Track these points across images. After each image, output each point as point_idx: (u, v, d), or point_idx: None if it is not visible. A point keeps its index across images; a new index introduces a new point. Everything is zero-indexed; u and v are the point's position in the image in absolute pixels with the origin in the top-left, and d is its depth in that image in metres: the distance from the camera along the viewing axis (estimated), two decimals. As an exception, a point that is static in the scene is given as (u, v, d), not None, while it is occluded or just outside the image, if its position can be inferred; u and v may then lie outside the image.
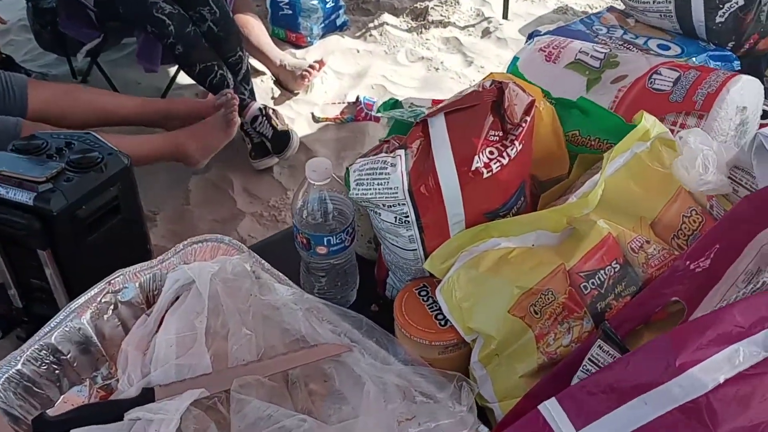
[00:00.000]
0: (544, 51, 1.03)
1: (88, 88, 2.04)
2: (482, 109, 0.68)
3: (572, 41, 1.03)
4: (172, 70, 2.52)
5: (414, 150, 0.68)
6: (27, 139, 1.61)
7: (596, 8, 3.01)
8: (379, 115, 0.86)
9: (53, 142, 1.61)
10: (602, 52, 0.99)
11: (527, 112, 0.70)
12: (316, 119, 2.45)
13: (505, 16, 2.97)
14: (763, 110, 1.01)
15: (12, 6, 3.05)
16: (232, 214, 2.08)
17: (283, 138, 2.21)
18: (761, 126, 0.98)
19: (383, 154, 0.69)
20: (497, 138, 0.68)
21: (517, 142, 0.69)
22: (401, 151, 0.68)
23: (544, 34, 1.21)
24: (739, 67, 1.14)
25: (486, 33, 2.88)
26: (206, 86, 2.26)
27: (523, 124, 0.69)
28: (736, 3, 1.09)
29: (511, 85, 0.69)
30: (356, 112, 2.41)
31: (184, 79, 2.44)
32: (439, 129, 0.67)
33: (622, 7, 1.26)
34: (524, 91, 0.71)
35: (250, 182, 2.21)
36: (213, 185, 2.21)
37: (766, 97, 1.03)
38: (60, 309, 0.75)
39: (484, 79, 0.86)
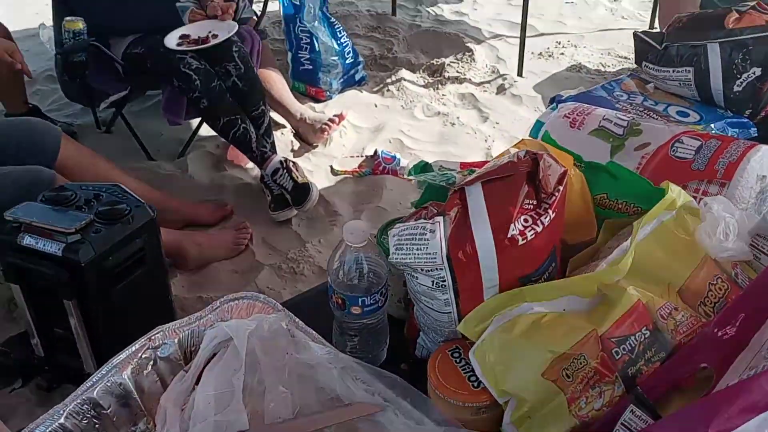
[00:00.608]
0: (569, 117, 1.06)
1: (107, 160, 2.09)
2: (518, 179, 0.71)
3: (596, 108, 1.07)
4: (195, 122, 2.59)
5: (452, 217, 0.71)
6: (57, 190, 1.65)
7: (609, 66, 3.08)
8: (410, 178, 0.89)
9: (82, 194, 1.65)
10: (625, 120, 1.03)
11: (560, 181, 0.73)
12: (334, 172, 2.49)
13: (519, 73, 3.04)
14: (783, 178, 1.04)
15: (39, 57, 3.15)
16: (251, 265, 2.11)
17: (302, 190, 2.24)
18: (781, 193, 1.01)
19: (422, 221, 0.72)
20: (532, 206, 0.71)
21: (550, 211, 0.72)
22: (440, 218, 0.71)
23: (566, 99, 1.25)
24: (756, 134, 1.17)
25: (501, 90, 2.94)
26: (229, 139, 2.31)
27: (556, 194, 0.72)
28: (753, 73, 1.13)
29: (545, 156, 0.72)
30: (374, 166, 2.45)
31: (205, 130, 2.50)
32: (476, 197, 0.70)
33: (634, 68, 1.30)
34: (557, 161, 0.74)
35: (269, 234, 2.24)
36: (232, 236, 2.23)
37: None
38: (82, 359, 0.77)
39: (516, 144, 0.90)
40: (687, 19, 1.19)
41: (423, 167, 0.93)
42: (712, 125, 1.15)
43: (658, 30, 1.26)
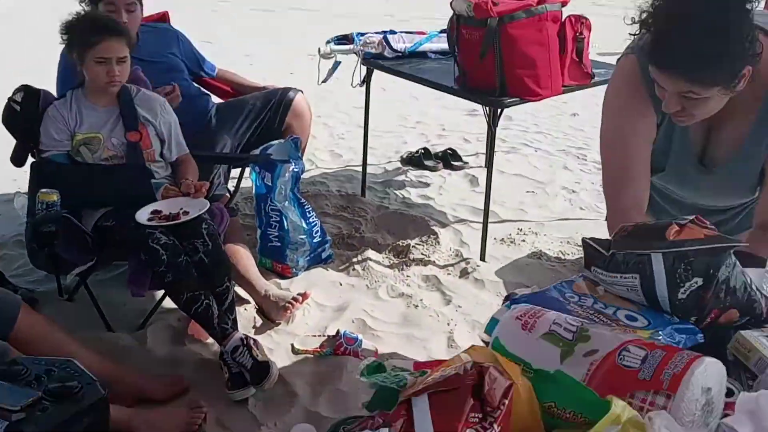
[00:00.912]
0: (521, 320, 1.10)
1: (65, 332, 2.09)
2: (463, 392, 0.72)
3: (547, 312, 1.11)
4: (159, 293, 2.59)
5: (397, 428, 0.71)
6: (8, 364, 1.62)
7: (568, 255, 3.19)
8: (363, 379, 0.90)
9: (34, 369, 1.62)
10: (574, 325, 1.06)
11: (506, 395, 0.74)
12: (295, 351, 2.47)
13: (482, 257, 3.13)
14: (728, 388, 1.07)
15: (11, 222, 3.19)
16: (203, 447, 2.03)
17: (262, 369, 2.21)
18: (726, 405, 1.03)
19: (368, 431, 0.72)
20: (477, 420, 0.72)
21: (495, 425, 0.73)
22: (385, 430, 0.71)
23: (520, 298, 1.29)
24: (703, 340, 1.21)
25: (464, 273, 3.01)
26: (191, 314, 2.31)
27: (502, 407, 0.74)
28: (696, 282, 1.19)
29: (491, 370, 0.74)
30: (336, 346, 2.44)
31: (168, 302, 2.49)
32: (422, 410, 0.71)
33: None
34: (503, 374, 0.76)
35: (224, 413, 2.18)
36: (185, 414, 2.17)
37: (729, 375, 1.09)
38: None
39: (466, 350, 0.92)
40: (632, 228, 1.26)
41: (376, 368, 0.94)
42: (660, 330, 1.19)
43: (605, 237, 1.32)
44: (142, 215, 2.33)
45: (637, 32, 1.59)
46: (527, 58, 2.80)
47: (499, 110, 2.95)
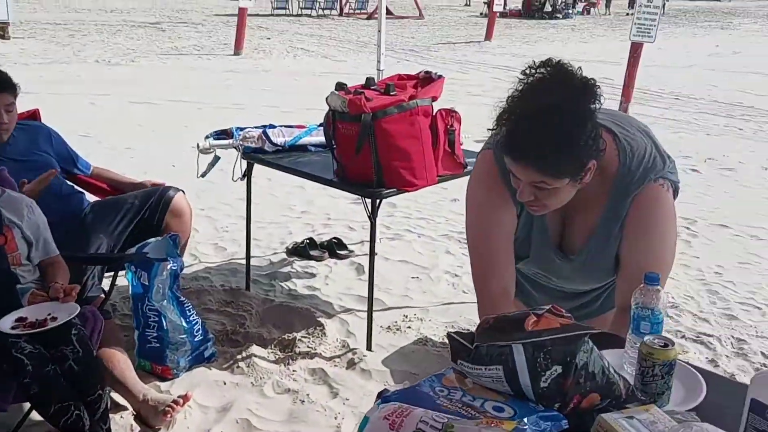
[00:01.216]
0: (389, 419, 1.10)
1: None
2: None
3: (415, 409, 1.12)
4: (27, 405, 2.42)
5: None
6: None
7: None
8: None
9: None
10: (440, 422, 1.08)
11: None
12: (175, 460, 2.35)
13: (368, 347, 3.13)
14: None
15: None
16: None
17: (137, 483, 2.09)
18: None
19: None
20: None
21: None
22: None
23: (392, 394, 1.29)
24: (567, 426, 1.25)
25: (351, 364, 2.99)
26: (59, 427, 2.16)
27: None
28: (556, 371, 1.24)
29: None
30: (218, 451, 2.35)
31: (36, 416, 2.33)
32: None
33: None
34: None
35: None
36: None
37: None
38: None
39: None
40: (493, 320, 1.31)
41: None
42: (525, 419, 1.22)
43: (467, 331, 1.36)
44: (5, 323, 2.20)
45: (494, 127, 1.70)
46: (401, 150, 2.90)
47: (377, 201, 3.01)
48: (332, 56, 14.51)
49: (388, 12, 26.50)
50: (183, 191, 3.19)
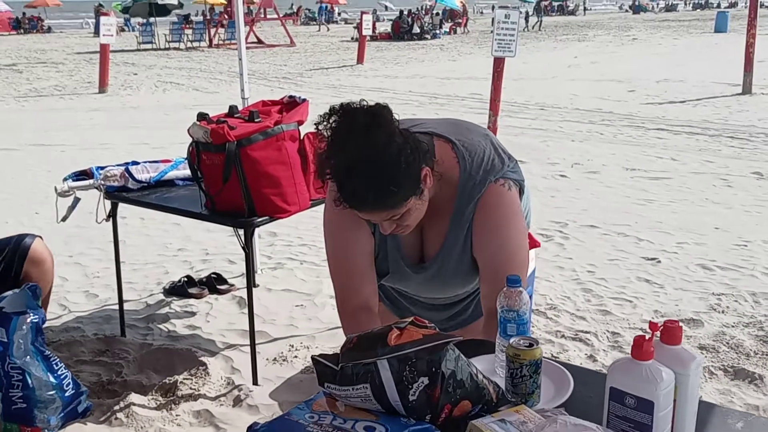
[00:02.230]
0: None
1: None
2: None
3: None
4: None
5: None
6: None
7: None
8: None
9: None
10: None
11: None
12: None
13: (255, 382, 3.04)
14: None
15: None
16: None
17: None
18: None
19: None
20: None
21: None
22: None
23: (262, 426, 1.25)
24: (441, 434, 1.24)
25: (237, 401, 2.89)
26: None
27: None
28: (423, 382, 1.23)
29: None
30: None
31: None
32: None
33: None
34: None
35: None
36: None
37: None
38: None
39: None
40: (356, 339, 1.29)
41: None
42: (398, 435, 1.20)
43: (333, 352, 1.34)
44: None
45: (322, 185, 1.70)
46: (271, 177, 2.86)
47: (251, 230, 2.95)
48: (204, 88, 14.25)
49: (260, 41, 26.50)
50: (41, 237, 3.00)
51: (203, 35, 27.43)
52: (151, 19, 28.16)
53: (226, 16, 29.84)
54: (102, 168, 3.27)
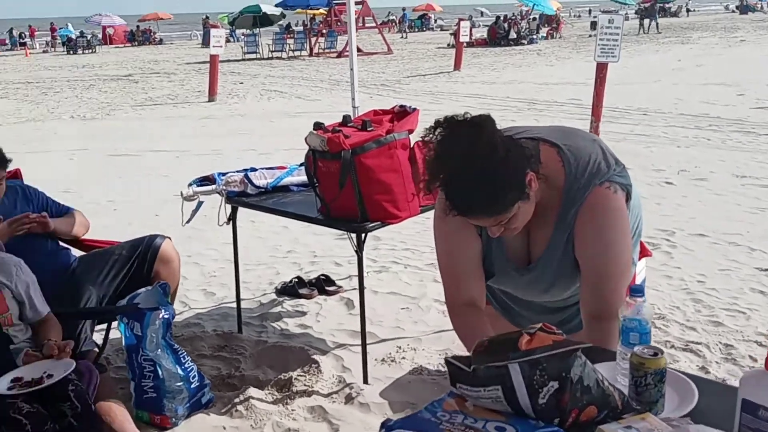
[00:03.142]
0: (396, 445, 1.13)
1: None
2: None
3: (420, 434, 1.15)
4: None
5: None
6: None
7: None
8: None
9: None
10: (446, 445, 1.11)
11: None
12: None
13: (365, 380, 3.14)
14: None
15: None
16: None
17: None
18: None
19: None
20: None
21: None
22: None
23: (395, 423, 1.33)
24: (570, 446, 1.28)
25: (349, 399, 3.00)
26: (61, 484, 2.16)
27: None
28: (552, 387, 1.27)
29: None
30: (223, 496, 2.34)
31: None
32: None
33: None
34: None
35: None
36: None
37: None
38: None
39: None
40: (488, 342, 1.35)
41: None
42: (527, 436, 1.26)
43: (465, 354, 1.40)
44: (1, 385, 2.20)
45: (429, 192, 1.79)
46: (383, 184, 2.96)
47: (363, 235, 3.05)
48: (306, 96, 14.64)
49: (358, 49, 26.92)
50: (170, 238, 3.22)
51: (304, 44, 28.16)
52: (256, 30, 29.15)
53: (326, 26, 30.50)
54: (223, 174, 3.46)
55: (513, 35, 29.26)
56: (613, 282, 1.83)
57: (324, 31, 29.81)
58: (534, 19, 34.74)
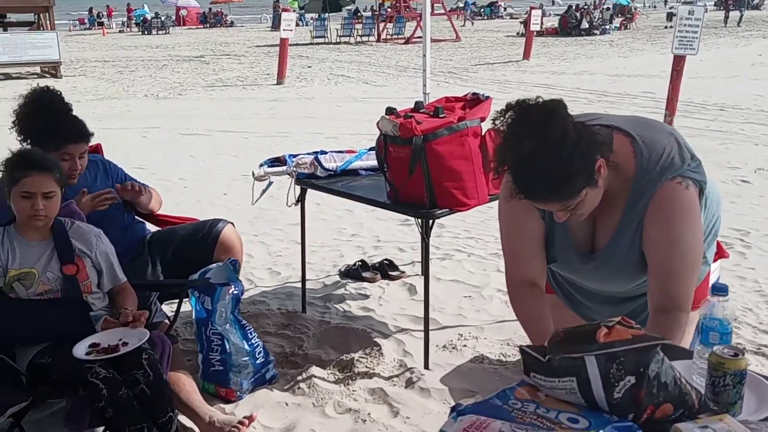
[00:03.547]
0: (468, 431, 1.13)
1: None
2: None
3: (493, 421, 1.15)
4: (99, 430, 2.50)
5: None
6: None
7: (509, 356, 3.25)
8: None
9: None
10: (519, 432, 1.10)
11: None
12: (243, 479, 2.40)
13: (426, 366, 3.15)
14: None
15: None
16: None
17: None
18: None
19: None
20: None
21: None
22: None
23: (466, 407, 1.33)
24: (642, 435, 1.26)
25: (410, 383, 3.02)
26: (133, 449, 2.24)
27: None
28: (629, 381, 1.25)
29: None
30: (285, 471, 2.39)
31: (110, 437, 2.40)
32: None
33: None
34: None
35: None
36: None
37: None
38: None
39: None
40: (564, 333, 1.34)
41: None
42: (601, 430, 1.24)
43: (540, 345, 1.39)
44: (80, 349, 2.29)
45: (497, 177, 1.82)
46: (453, 171, 2.95)
47: (430, 221, 3.05)
48: (372, 81, 14.67)
49: (426, 35, 26.79)
50: (233, 223, 3.26)
51: (372, 30, 28.17)
52: (325, 14, 29.32)
53: (395, 12, 30.44)
54: (294, 156, 3.51)
55: (585, 25, 28.61)
56: (679, 277, 1.82)
57: (393, 16, 29.74)
58: (607, 9, 33.90)
